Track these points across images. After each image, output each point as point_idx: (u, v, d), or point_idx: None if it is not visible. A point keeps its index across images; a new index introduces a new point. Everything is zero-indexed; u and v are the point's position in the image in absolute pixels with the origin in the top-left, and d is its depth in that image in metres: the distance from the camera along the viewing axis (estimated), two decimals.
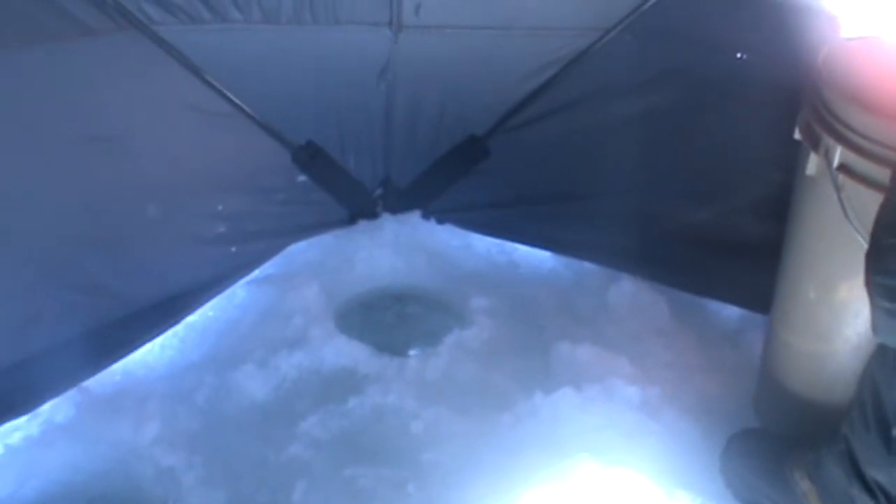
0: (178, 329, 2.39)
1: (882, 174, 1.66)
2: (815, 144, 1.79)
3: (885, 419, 1.60)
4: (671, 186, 2.48)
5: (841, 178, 1.72)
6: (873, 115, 1.68)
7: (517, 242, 2.74)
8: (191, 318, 2.41)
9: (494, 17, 2.41)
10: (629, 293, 2.55)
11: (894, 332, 1.48)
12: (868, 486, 1.67)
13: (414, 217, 2.75)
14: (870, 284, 1.46)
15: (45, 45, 2.02)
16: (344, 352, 2.39)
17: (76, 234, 2.19)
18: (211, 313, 2.47)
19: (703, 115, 2.38)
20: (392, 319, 2.59)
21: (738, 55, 2.31)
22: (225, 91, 2.33)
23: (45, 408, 2.12)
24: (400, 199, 2.74)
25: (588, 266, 2.66)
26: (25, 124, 2.05)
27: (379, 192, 2.73)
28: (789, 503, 1.91)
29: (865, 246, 1.69)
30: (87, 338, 2.19)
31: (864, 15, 2.01)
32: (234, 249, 2.48)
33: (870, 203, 1.69)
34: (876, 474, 1.65)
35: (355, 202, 2.71)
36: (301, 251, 2.65)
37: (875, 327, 1.49)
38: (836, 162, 1.72)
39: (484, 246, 2.78)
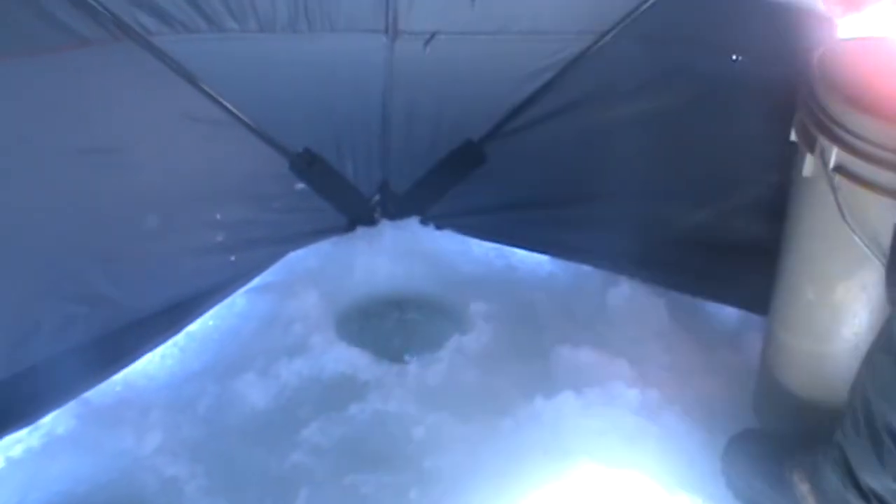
0: (179, 339, 2.39)
1: (878, 175, 1.67)
2: (811, 145, 1.79)
3: (875, 428, 1.60)
4: (668, 189, 2.48)
5: (837, 179, 1.72)
6: (869, 116, 1.68)
7: (515, 247, 2.74)
8: (191, 328, 2.41)
9: (489, 22, 2.41)
10: (628, 296, 2.55)
11: None
12: (863, 493, 1.68)
13: (412, 223, 2.75)
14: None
15: (40, 57, 2.01)
16: (344, 359, 2.38)
17: (75, 245, 2.19)
18: (211, 322, 2.47)
19: (699, 117, 2.38)
20: (392, 325, 2.59)
21: (734, 57, 2.32)
22: (222, 100, 2.33)
23: (46, 420, 2.12)
24: (398, 205, 2.74)
25: (586, 269, 2.66)
26: (21, 136, 2.04)
27: (377, 198, 2.73)
28: None
29: (863, 247, 1.72)
30: (88, 349, 2.19)
31: (859, 16, 2.01)
32: (233, 258, 2.48)
33: (866, 204, 1.70)
34: (870, 481, 1.65)
35: (353, 209, 2.71)
36: (300, 259, 2.64)
37: None
38: (832, 163, 1.73)
39: (482, 251, 2.77)
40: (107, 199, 2.22)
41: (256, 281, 2.56)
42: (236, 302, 2.52)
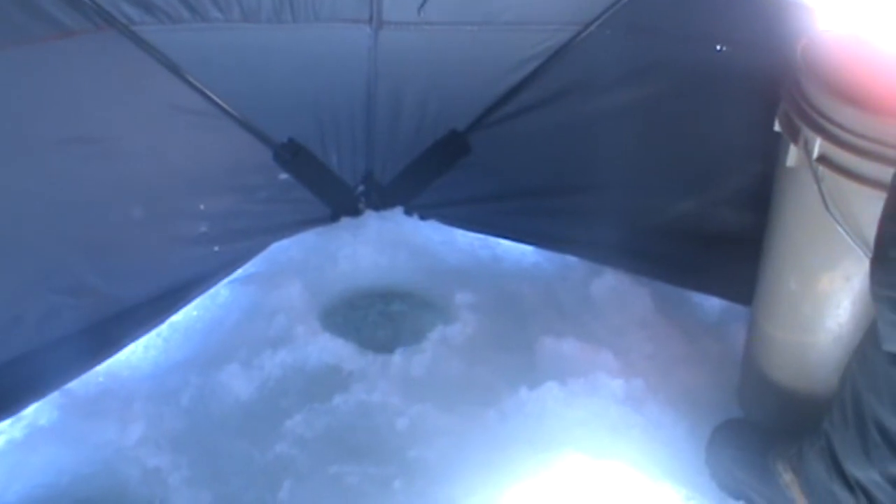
0: (162, 329, 2.38)
1: (861, 166, 1.67)
2: (795, 136, 1.79)
3: (863, 420, 1.61)
4: (652, 180, 2.48)
5: (821, 169, 1.73)
6: (852, 106, 1.68)
7: (500, 237, 2.74)
8: (174, 318, 2.40)
9: (474, 12, 2.40)
10: (612, 286, 2.55)
11: None
12: (848, 483, 1.68)
13: (397, 213, 2.75)
14: (876, 297, 1.45)
15: (23, 47, 2.00)
16: (328, 350, 2.38)
17: (59, 235, 2.18)
18: (195, 313, 2.46)
19: (684, 108, 2.38)
20: (376, 316, 2.59)
21: (718, 47, 2.32)
22: (206, 90, 2.32)
23: (29, 411, 2.11)
24: (382, 196, 2.74)
25: (570, 260, 2.66)
26: (5, 126, 2.04)
27: (361, 189, 2.73)
28: (772, 494, 1.92)
29: (847, 237, 1.72)
30: (71, 339, 2.19)
31: (842, 6, 2.01)
32: (217, 248, 2.47)
33: (850, 194, 1.71)
34: (855, 471, 1.66)
35: (338, 199, 2.70)
36: (284, 249, 2.64)
37: (883, 338, 1.49)
38: (815, 153, 1.73)
39: (467, 241, 2.77)
40: (91, 190, 2.22)
41: (240, 272, 2.55)
42: (220, 293, 2.51)
